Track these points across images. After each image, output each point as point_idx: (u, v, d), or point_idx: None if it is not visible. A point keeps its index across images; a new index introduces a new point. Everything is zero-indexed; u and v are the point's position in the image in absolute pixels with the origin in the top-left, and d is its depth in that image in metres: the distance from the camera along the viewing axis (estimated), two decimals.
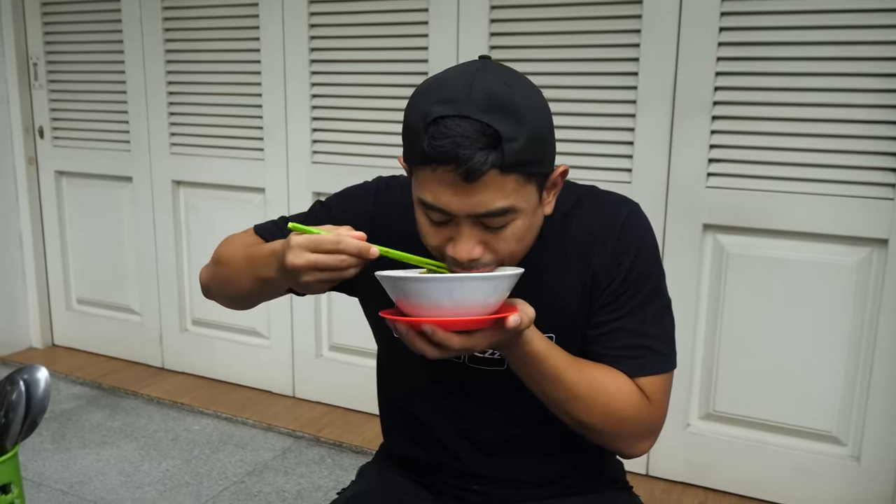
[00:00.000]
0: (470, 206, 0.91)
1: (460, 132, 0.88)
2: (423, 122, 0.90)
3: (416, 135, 0.91)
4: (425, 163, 0.91)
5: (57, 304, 3.43)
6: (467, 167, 0.88)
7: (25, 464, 2.46)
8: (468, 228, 0.94)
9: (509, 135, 0.88)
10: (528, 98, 0.93)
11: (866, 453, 2.12)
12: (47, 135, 3.28)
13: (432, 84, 0.95)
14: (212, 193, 2.97)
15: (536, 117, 0.92)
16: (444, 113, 0.89)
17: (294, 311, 2.87)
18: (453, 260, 0.96)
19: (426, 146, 0.89)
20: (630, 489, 1.27)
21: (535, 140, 0.91)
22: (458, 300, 0.87)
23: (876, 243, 2.04)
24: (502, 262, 0.98)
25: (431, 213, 0.95)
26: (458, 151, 0.88)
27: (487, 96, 0.89)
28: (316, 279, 0.91)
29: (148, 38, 2.95)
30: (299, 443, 2.63)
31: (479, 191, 0.90)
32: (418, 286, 0.88)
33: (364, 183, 1.20)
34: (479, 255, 0.95)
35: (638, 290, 1.06)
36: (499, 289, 0.89)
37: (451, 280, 0.88)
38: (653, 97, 2.18)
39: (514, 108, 0.90)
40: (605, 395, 1.03)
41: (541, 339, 0.98)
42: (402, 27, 2.49)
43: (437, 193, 0.92)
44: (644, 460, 2.38)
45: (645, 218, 1.10)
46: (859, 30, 1.95)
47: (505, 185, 0.91)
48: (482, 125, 0.88)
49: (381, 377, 1.27)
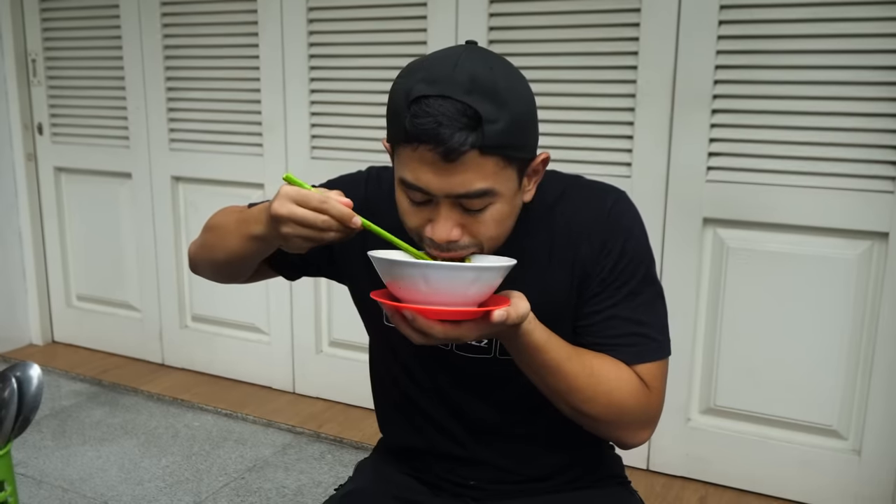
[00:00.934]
0: (449, 186, 0.92)
1: (441, 111, 0.88)
2: (405, 100, 0.91)
3: (399, 113, 0.92)
4: (406, 141, 0.92)
5: (57, 301, 3.43)
6: (447, 146, 0.89)
7: (25, 460, 2.46)
8: (447, 210, 0.94)
9: (490, 116, 0.89)
10: (511, 82, 0.93)
11: (867, 447, 2.11)
12: (46, 131, 3.27)
13: (416, 64, 0.96)
14: (211, 189, 2.97)
15: (518, 102, 0.93)
16: (427, 92, 0.90)
17: (294, 307, 2.87)
18: (431, 241, 0.96)
19: (407, 124, 0.90)
20: (628, 484, 1.26)
21: (516, 124, 0.92)
22: (435, 287, 0.86)
23: (876, 237, 2.03)
24: (481, 246, 0.98)
25: (411, 192, 0.95)
26: (439, 130, 0.88)
27: (470, 78, 0.90)
28: (296, 233, 0.91)
29: (147, 33, 2.94)
30: (299, 439, 2.63)
31: (459, 171, 0.91)
32: (398, 268, 0.88)
33: (356, 172, 1.21)
34: (458, 238, 0.96)
35: (629, 277, 1.06)
36: (480, 280, 0.89)
37: (428, 266, 0.88)
38: (652, 90, 2.17)
39: (495, 91, 0.90)
40: (605, 384, 1.02)
41: (541, 331, 0.98)
42: (401, 21, 2.48)
43: (418, 172, 0.92)
44: (644, 455, 2.38)
45: (632, 205, 1.10)
46: (859, 23, 1.94)
47: (484, 166, 0.91)
48: (463, 106, 0.89)
49: (373, 366, 1.28)
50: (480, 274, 0.88)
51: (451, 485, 1.19)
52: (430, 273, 0.86)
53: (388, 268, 0.89)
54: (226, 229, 1.11)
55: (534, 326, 0.96)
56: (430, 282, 0.86)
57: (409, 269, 0.88)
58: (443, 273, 0.87)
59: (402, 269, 0.88)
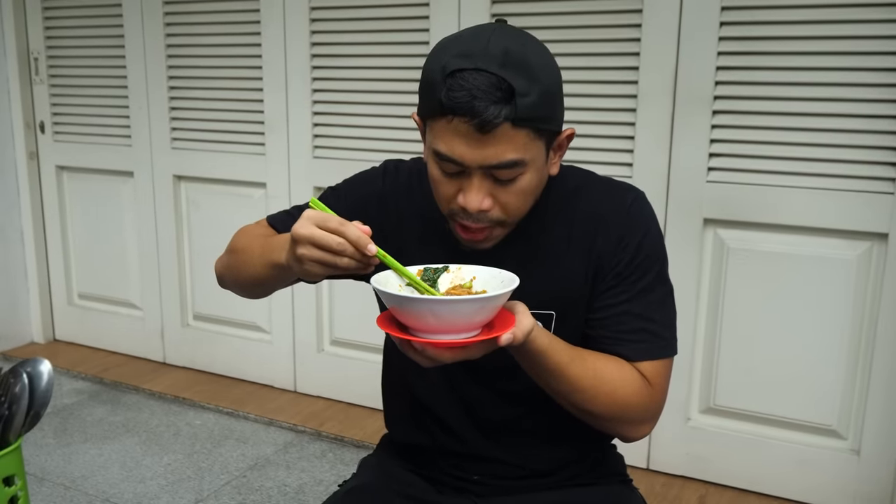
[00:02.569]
0: (482, 157, 0.95)
1: (476, 84, 0.92)
2: (441, 73, 0.94)
3: (434, 86, 0.95)
4: (442, 114, 0.94)
5: (58, 299, 3.44)
6: (482, 119, 0.91)
7: (28, 458, 2.46)
8: (479, 180, 0.97)
9: (523, 90, 0.92)
10: (542, 57, 0.97)
11: (866, 447, 2.12)
12: (48, 129, 3.28)
13: (451, 39, 0.99)
14: (213, 188, 2.98)
15: (549, 75, 0.96)
16: (462, 66, 0.93)
17: (295, 306, 2.88)
18: (462, 211, 1.00)
19: (443, 97, 0.93)
20: (630, 482, 1.27)
21: (547, 97, 0.95)
22: (442, 319, 0.88)
23: (876, 237, 2.04)
24: (505, 219, 1.01)
25: (444, 164, 0.98)
26: (474, 103, 0.91)
27: (504, 52, 0.93)
28: (311, 255, 0.91)
29: (149, 32, 2.95)
30: (301, 437, 2.64)
31: (492, 143, 0.94)
32: (405, 303, 0.89)
33: (371, 168, 1.22)
34: (489, 207, 0.99)
35: (643, 274, 1.08)
36: (484, 310, 0.90)
37: (433, 302, 0.89)
38: (654, 91, 2.18)
39: (528, 65, 0.93)
40: (609, 384, 1.04)
41: (544, 336, 0.99)
42: (403, 21, 2.49)
43: (452, 144, 0.95)
44: (644, 454, 2.39)
45: (649, 205, 1.12)
46: (860, 24, 1.95)
47: (516, 138, 0.94)
48: (497, 79, 0.92)
49: (387, 359, 1.29)
50: (486, 303, 0.89)
51: (454, 480, 1.20)
52: (437, 308, 0.88)
53: (394, 300, 0.90)
54: (250, 254, 1.12)
55: (537, 333, 0.97)
56: (437, 315, 0.88)
57: (415, 304, 0.89)
58: (448, 307, 0.88)
59: (409, 303, 0.89)
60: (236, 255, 1.17)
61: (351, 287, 1.24)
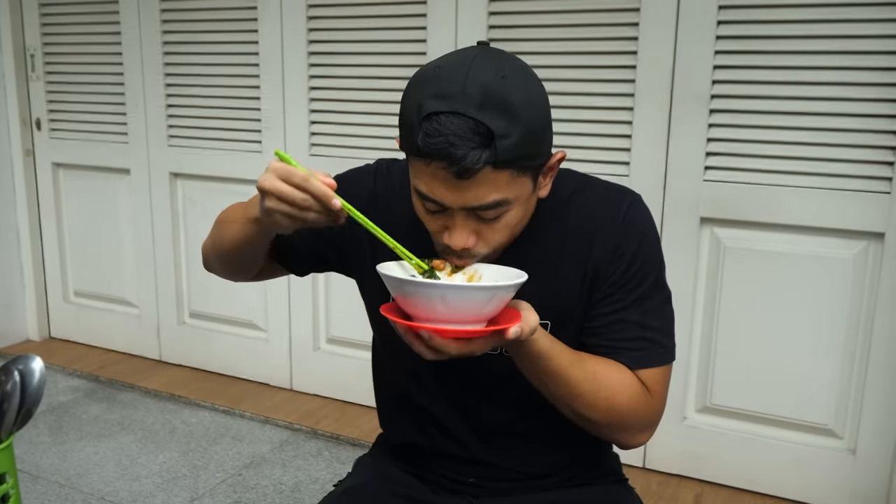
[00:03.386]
0: (463, 200, 0.92)
1: (453, 130, 0.88)
2: (417, 115, 0.91)
3: (411, 128, 0.92)
4: (419, 156, 0.92)
5: (54, 297, 3.43)
6: (460, 166, 0.89)
7: (22, 456, 2.46)
8: (462, 220, 0.95)
9: (502, 132, 0.89)
10: (524, 91, 0.92)
11: (862, 446, 2.13)
12: (44, 126, 3.27)
13: (428, 73, 0.94)
14: (209, 185, 2.97)
15: (531, 111, 0.92)
16: (438, 109, 0.89)
17: (292, 304, 2.87)
18: (447, 248, 0.98)
19: (420, 142, 0.90)
20: (626, 481, 1.27)
21: (529, 135, 0.91)
22: (452, 307, 0.87)
23: (872, 237, 2.04)
24: (492, 253, 0.99)
25: (426, 203, 0.96)
26: (451, 151, 0.88)
27: (482, 92, 0.89)
28: (278, 208, 0.89)
29: (146, 29, 2.94)
30: (297, 435, 2.64)
31: (472, 187, 0.91)
32: (415, 288, 0.88)
33: (364, 165, 1.21)
34: (473, 245, 0.97)
35: (640, 281, 1.06)
36: (495, 299, 0.89)
37: (446, 287, 0.88)
38: (651, 90, 2.18)
39: (507, 105, 0.89)
40: (607, 390, 1.03)
41: (545, 338, 0.98)
42: (401, 19, 2.48)
43: (432, 186, 0.93)
44: (641, 453, 2.39)
45: (646, 209, 1.10)
46: (857, 23, 1.95)
47: (498, 179, 0.91)
48: (475, 123, 0.88)
49: (377, 362, 1.27)
50: (496, 293, 0.89)
51: (449, 482, 1.19)
52: (448, 294, 0.87)
53: (402, 286, 0.89)
54: (230, 220, 1.12)
55: (539, 335, 0.97)
56: (449, 303, 0.86)
57: (426, 290, 0.87)
58: (460, 294, 0.87)
59: (419, 288, 0.88)
60: (218, 225, 1.17)
61: (347, 284, 1.23)
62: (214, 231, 1.19)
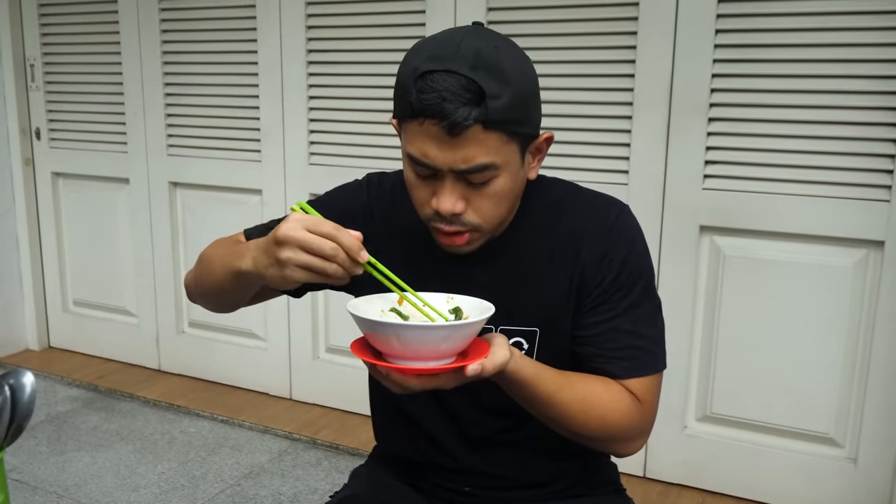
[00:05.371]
0: (453, 160, 0.94)
1: (446, 87, 0.91)
2: (411, 75, 0.93)
3: (405, 88, 0.94)
4: (412, 116, 0.94)
5: (53, 306, 3.43)
6: (451, 120, 0.91)
7: (21, 467, 2.45)
8: (451, 183, 0.96)
9: (493, 92, 0.91)
10: (515, 60, 0.95)
11: (863, 455, 2.11)
12: (44, 136, 3.27)
13: (423, 43, 0.98)
14: (209, 195, 2.97)
15: (521, 78, 0.95)
16: (432, 68, 0.92)
17: (291, 314, 2.87)
18: (436, 214, 0.98)
19: (413, 99, 0.92)
20: (623, 492, 1.26)
21: (519, 100, 0.94)
22: (407, 345, 0.87)
23: (872, 245, 2.04)
24: (481, 225, 0.99)
25: (417, 167, 0.97)
26: (443, 105, 0.90)
27: (475, 54, 0.92)
28: (299, 260, 0.86)
29: (145, 39, 2.95)
30: (296, 445, 2.63)
31: (463, 146, 0.93)
32: (372, 326, 0.88)
33: (354, 181, 1.21)
34: (461, 210, 0.98)
35: (629, 290, 1.06)
36: (451, 338, 0.88)
37: (399, 326, 0.89)
38: (649, 98, 2.18)
39: (499, 68, 0.92)
40: (599, 407, 1.03)
41: (530, 365, 0.98)
42: (400, 29, 2.48)
43: (423, 147, 0.94)
44: (641, 462, 2.38)
45: (634, 219, 1.10)
46: (855, 32, 1.95)
47: (487, 141, 0.93)
48: (467, 80, 0.91)
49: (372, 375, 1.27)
50: (452, 332, 0.88)
51: (445, 491, 1.19)
52: (402, 332, 0.87)
53: (363, 324, 0.90)
54: (213, 262, 1.10)
55: (521, 365, 0.96)
56: (403, 340, 0.87)
57: (381, 328, 0.88)
58: (413, 333, 0.87)
59: (376, 327, 0.88)
60: (201, 265, 1.15)
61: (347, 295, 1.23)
62: (198, 269, 1.17)
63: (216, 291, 1.10)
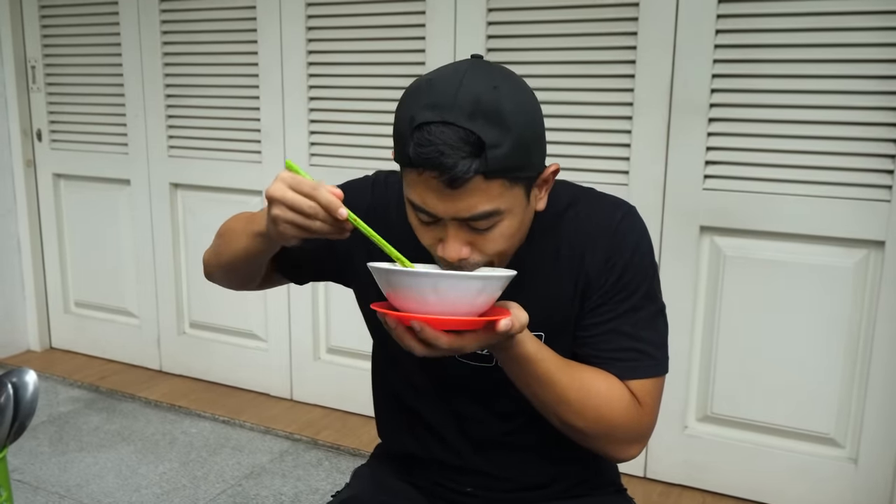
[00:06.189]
0: (455, 210, 0.92)
1: (444, 140, 0.88)
2: (408, 126, 0.91)
3: (403, 139, 0.92)
4: (411, 166, 0.92)
5: (55, 307, 3.43)
6: (451, 175, 0.88)
7: (22, 467, 2.45)
8: (455, 230, 0.95)
9: (493, 141, 0.88)
10: (516, 102, 0.92)
11: (864, 455, 2.12)
12: (45, 137, 3.28)
13: (421, 85, 0.95)
14: (210, 196, 2.97)
15: (523, 122, 0.91)
16: (429, 119, 0.89)
17: (292, 314, 2.87)
18: (442, 260, 0.97)
19: (411, 151, 0.90)
20: (624, 492, 1.26)
21: (521, 145, 0.91)
22: (444, 296, 0.86)
23: (873, 245, 2.04)
24: (491, 261, 0.98)
25: (419, 214, 0.96)
26: (442, 160, 0.88)
27: (473, 102, 0.89)
28: (284, 216, 0.90)
29: (146, 41, 2.95)
30: (297, 446, 2.63)
31: (464, 196, 0.91)
32: (406, 279, 0.88)
33: (363, 177, 1.21)
34: (467, 256, 0.96)
35: (631, 293, 1.06)
36: (486, 289, 0.89)
37: (438, 276, 0.88)
38: (649, 99, 2.18)
39: (499, 114, 0.89)
40: (595, 398, 1.02)
41: (532, 341, 0.98)
42: (400, 30, 2.49)
43: (424, 197, 0.93)
44: (642, 463, 2.38)
45: (640, 221, 1.10)
46: (855, 32, 1.95)
47: (489, 189, 0.91)
48: (466, 132, 0.88)
49: (376, 370, 1.27)
50: (487, 283, 0.88)
51: (447, 491, 1.19)
52: (441, 283, 0.86)
53: (393, 278, 0.89)
54: (234, 231, 1.13)
55: (526, 337, 0.97)
56: (440, 291, 0.86)
57: (417, 280, 0.87)
58: (453, 283, 0.87)
59: (410, 279, 0.87)
60: (221, 237, 1.18)
61: (347, 294, 1.23)
62: (217, 242, 1.19)
63: (235, 259, 1.13)
